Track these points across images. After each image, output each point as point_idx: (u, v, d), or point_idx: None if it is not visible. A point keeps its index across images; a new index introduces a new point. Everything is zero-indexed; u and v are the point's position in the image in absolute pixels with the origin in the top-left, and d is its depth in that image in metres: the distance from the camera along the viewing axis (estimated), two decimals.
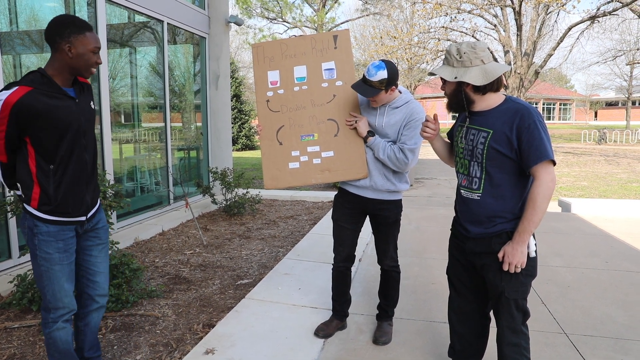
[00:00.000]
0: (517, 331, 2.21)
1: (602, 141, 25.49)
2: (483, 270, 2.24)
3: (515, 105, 2.10)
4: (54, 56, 2.15)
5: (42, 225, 2.19)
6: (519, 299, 2.17)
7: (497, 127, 2.09)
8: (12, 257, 4.35)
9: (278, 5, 30.64)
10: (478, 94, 2.14)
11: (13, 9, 4.61)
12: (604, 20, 17.12)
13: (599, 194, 9.78)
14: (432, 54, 18.64)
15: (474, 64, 2.09)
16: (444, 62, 2.20)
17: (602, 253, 5.05)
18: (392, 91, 2.78)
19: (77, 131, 2.23)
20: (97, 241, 2.45)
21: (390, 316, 3.20)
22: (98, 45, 2.19)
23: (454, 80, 2.12)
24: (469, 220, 2.26)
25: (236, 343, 3.00)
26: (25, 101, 2.03)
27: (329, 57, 3.02)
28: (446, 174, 12.91)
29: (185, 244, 5.54)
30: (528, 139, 2.01)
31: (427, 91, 39.12)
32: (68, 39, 2.10)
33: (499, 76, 2.08)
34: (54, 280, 2.22)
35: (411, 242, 5.50)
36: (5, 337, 3.15)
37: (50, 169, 2.16)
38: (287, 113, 3.01)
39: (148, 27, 6.67)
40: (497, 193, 2.15)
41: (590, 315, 3.47)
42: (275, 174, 2.98)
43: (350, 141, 2.92)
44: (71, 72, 2.19)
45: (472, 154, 2.19)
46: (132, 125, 6.69)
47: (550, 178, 2.01)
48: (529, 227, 2.05)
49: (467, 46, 2.10)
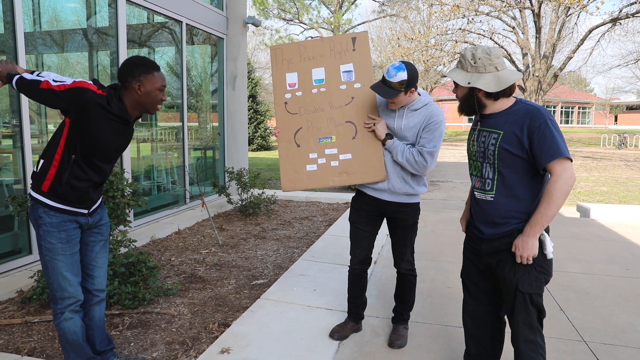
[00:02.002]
0: (533, 327, 2.18)
1: (623, 146, 25.03)
2: (498, 268, 2.24)
3: (525, 107, 2.11)
4: (125, 93, 2.33)
5: (45, 216, 2.29)
6: (534, 294, 2.15)
7: (507, 128, 2.11)
8: (32, 253, 4.42)
9: (295, 7, 30.71)
10: (490, 99, 2.16)
11: (37, 10, 4.69)
12: (626, 23, 16.83)
13: (618, 199, 9.62)
14: (449, 56, 18.52)
15: (487, 70, 2.11)
16: (458, 66, 2.22)
17: (622, 260, 4.96)
18: (412, 93, 2.76)
19: (115, 150, 2.41)
20: (99, 237, 2.54)
21: (406, 319, 3.18)
22: (164, 83, 2.37)
23: (467, 85, 2.14)
24: (482, 221, 2.28)
25: (251, 343, 3.01)
26: (93, 94, 2.19)
27: (347, 59, 3.01)
28: (462, 177, 12.80)
29: (201, 243, 5.57)
30: (539, 139, 2.01)
31: (443, 93, 38.91)
32: (138, 78, 2.29)
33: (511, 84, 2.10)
34: (57, 270, 2.31)
35: (427, 245, 5.46)
36: (26, 332, 3.20)
37: (72, 158, 2.26)
38: (305, 115, 3.00)
39: (167, 27, 6.74)
40: (510, 193, 2.16)
41: (611, 323, 3.41)
42: (293, 176, 2.97)
43: (369, 144, 2.91)
44: (140, 109, 2.37)
45: (484, 156, 2.21)
46: (149, 124, 6.77)
47: (568, 175, 1.99)
48: (541, 220, 2.04)
49: (482, 52, 2.12)
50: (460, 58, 2.19)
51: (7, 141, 4.42)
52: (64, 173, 2.27)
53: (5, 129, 4.38)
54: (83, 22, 5.24)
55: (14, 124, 4.33)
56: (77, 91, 2.17)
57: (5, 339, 3.10)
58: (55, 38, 5.02)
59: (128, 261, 3.71)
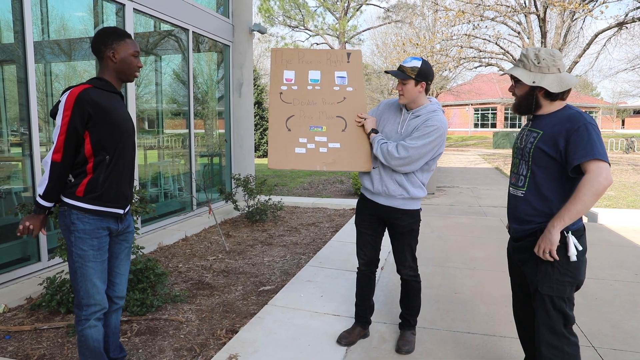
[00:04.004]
0: (556, 332, 2.16)
1: (630, 150, 24.88)
2: (524, 267, 2.30)
3: (570, 112, 2.15)
4: (101, 65, 2.36)
5: (79, 222, 2.28)
6: (554, 297, 2.15)
7: (548, 129, 2.15)
8: (41, 260, 4.46)
9: (300, 14, 30.88)
10: (547, 100, 2.20)
11: (45, 19, 4.75)
12: (633, 27, 16.76)
13: (626, 204, 9.55)
14: (455, 62, 18.51)
15: (551, 71, 2.15)
16: (519, 65, 2.24)
17: (630, 265, 4.92)
18: (422, 88, 2.80)
19: (132, 129, 2.44)
20: (125, 244, 2.56)
21: (413, 325, 3.17)
22: (137, 49, 2.39)
23: (532, 84, 2.18)
24: (512, 217, 2.35)
25: (259, 349, 3.01)
26: (89, 92, 2.21)
27: (342, 68, 3.20)
28: (468, 182, 12.77)
29: (208, 249, 5.59)
30: (576, 139, 2.03)
31: (449, 99, 38.80)
32: (111, 46, 2.31)
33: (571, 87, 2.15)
34: (87, 277, 2.31)
35: (433, 251, 5.45)
36: (35, 338, 3.22)
37: (106, 158, 2.30)
38: (299, 105, 3.11)
39: (173, 35, 6.80)
40: (538, 192, 2.20)
41: (620, 329, 3.38)
42: (281, 155, 3.04)
43: (358, 136, 3.03)
44: (118, 76, 2.38)
45: (522, 153, 2.27)
46: (156, 131, 6.81)
47: (604, 175, 1.97)
48: (564, 215, 2.05)
49: (546, 53, 2.16)
50: (522, 57, 2.22)
51: (16, 149, 4.47)
52: (100, 175, 2.29)
53: (14, 137, 4.43)
54: (91, 30, 5.30)
55: (23, 132, 4.38)
56: (79, 103, 2.18)
57: (15, 345, 3.13)
58: (63, 47, 5.08)
59: (136, 268, 3.73)
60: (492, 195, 10.47)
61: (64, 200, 2.30)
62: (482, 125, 42.67)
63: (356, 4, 31.29)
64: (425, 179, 2.94)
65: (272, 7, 30.23)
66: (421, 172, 2.89)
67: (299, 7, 30.42)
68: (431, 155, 2.81)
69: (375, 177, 2.95)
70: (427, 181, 2.97)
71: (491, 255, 5.27)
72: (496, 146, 29.21)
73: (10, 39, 4.25)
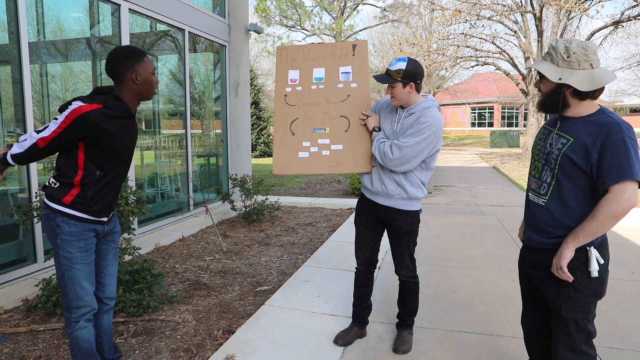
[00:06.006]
0: (577, 351, 2.05)
1: None
2: (540, 285, 2.17)
3: (605, 119, 1.92)
4: (121, 87, 2.29)
5: (65, 225, 2.26)
6: (579, 319, 2.02)
7: (579, 137, 1.94)
8: (37, 262, 4.44)
9: (297, 13, 30.86)
10: (576, 99, 1.98)
11: (41, 20, 4.73)
12: (629, 25, 16.80)
13: None
14: (451, 61, 18.53)
15: (582, 66, 1.92)
16: (547, 58, 2.02)
17: (627, 263, 4.93)
18: (411, 89, 2.78)
19: (130, 154, 2.44)
20: (111, 245, 2.56)
21: (410, 325, 3.17)
22: (154, 66, 2.37)
23: (558, 81, 1.96)
24: (530, 225, 2.18)
25: (256, 350, 3.01)
26: (95, 114, 2.16)
27: (347, 62, 3.19)
28: (465, 181, 12.78)
29: (205, 250, 5.58)
30: (612, 155, 1.84)
31: (446, 98, 38.89)
32: (133, 68, 2.26)
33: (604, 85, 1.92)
34: (75, 279, 2.30)
35: (431, 250, 5.45)
36: (31, 340, 3.21)
37: (98, 174, 2.28)
38: (303, 107, 3.14)
39: (169, 35, 6.78)
40: (562, 203, 2.02)
41: (617, 327, 3.39)
42: (285, 161, 3.07)
43: (360, 137, 3.03)
44: (139, 98, 2.35)
45: (547, 159, 2.07)
46: (153, 132, 6.79)
47: (627, 196, 1.82)
48: (579, 233, 1.92)
49: (578, 46, 1.92)
50: (550, 50, 1.99)
51: None
52: (88, 190, 2.27)
53: (10, 138, 4.41)
54: (86, 31, 5.28)
55: (19, 133, 4.36)
56: (79, 122, 2.14)
57: (11, 347, 3.11)
58: (59, 47, 5.06)
59: (132, 269, 3.72)
60: (489, 194, 10.48)
61: (49, 205, 2.28)
62: (479, 124, 42.82)
63: (353, 3, 31.31)
64: (425, 178, 2.91)
65: (269, 7, 30.19)
66: (420, 170, 2.87)
67: (295, 7, 30.40)
68: (427, 153, 2.77)
69: (374, 176, 2.94)
70: (427, 180, 2.94)
71: (489, 254, 5.27)
72: (493, 145, 29.27)
73: (5, 39, 4.23)
